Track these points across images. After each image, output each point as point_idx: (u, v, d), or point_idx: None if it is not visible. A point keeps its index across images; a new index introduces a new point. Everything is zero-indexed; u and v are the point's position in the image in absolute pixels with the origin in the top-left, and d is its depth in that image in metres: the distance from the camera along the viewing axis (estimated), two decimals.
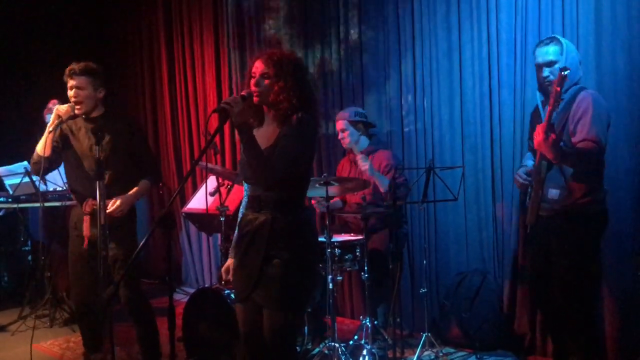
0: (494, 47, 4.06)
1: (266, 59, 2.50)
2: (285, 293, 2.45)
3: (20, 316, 5.00)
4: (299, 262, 2.48)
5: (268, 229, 2.46)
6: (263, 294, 2.47)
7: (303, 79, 2.54)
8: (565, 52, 3.12)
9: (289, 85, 2.46)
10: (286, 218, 2.48)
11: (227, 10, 5.62)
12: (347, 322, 4.77)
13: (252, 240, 2.50)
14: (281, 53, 2.56)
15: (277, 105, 2.48)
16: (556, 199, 3.10)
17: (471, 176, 4.23)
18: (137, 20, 6.57)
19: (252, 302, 2.52)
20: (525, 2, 3.86)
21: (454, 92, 4.30)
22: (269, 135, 2.52)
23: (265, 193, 2.49)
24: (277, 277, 2.44)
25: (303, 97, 2.50)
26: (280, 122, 2.51)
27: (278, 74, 2.47)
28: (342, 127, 4.17)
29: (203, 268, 6.14)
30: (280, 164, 2.41)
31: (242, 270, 2.55)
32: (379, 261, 3.88)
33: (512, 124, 4.00)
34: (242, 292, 2.55)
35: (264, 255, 2.46)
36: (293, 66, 2.51)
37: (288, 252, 2.46)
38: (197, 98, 6.01)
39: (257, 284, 2.47)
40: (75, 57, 3.40)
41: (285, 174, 2.43)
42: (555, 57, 3.13)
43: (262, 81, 2.49)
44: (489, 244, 4.23)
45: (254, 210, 2.53)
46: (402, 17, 4.50)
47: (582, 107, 3.04)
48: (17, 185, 4.74)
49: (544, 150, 2.99)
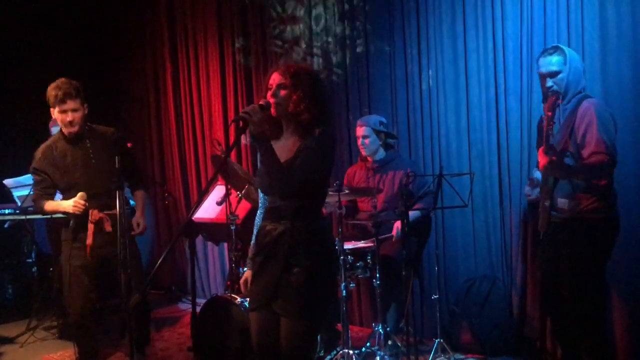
0: (500, 54, 4.10)
1: (283, 71, 2.52)
2: (306, 301, 2.45)
3: (28, 328, 5.00)
4: (320, 270, 2.49)
5: (288, 238, 2.46)
6: (283, 302, 2.46)
7: (320, 91, 2.55)
8: (569, 62, 3.12)
9: (308, 95, 2.47)
10: (306, 227, 2.48)
11: (232, 20, 5.66)
12: (357, 330, 4.78)
13: (273, 250, 2.50)
14: (298, 65, 2.57)
15: (298, 116, 2.49)
16: (565, 207, 3.11)
17: (479, 182, 4.25)
18: (141, 30, 6.59)
19: (269, 311, 2.51)
20: (530, 10, 3.91)
21: (460, 99, 4.34)
22: (290, 148, 2.52)
23: (284, 203, 2.50)
24: (298, 285, 2.44)
25: (320, 107, 2.50)
26: (301, 134, 2.51)
27: (295, 84, 2.48)
28: (364, 133, 4.20)
29: (209, 277, 6.14)
30: (299, 175, 2.42)
31: (260, 279, 2.54)
32: (391, 268, 3.90)
33: (519, 130, 4.03)
34: (259, 301, 2.54)
35: (284, 265, 2.46)
36: (310, 77, 2.52)
37: (309, 260, 2.45)
38: (202, 108, 6.03)
39: (276, 293, 2.47)
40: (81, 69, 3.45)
41: (303, 185, 2.44)
42: (559, 68, 3.14)
43: (278, 92, 2.49)
44: (497, 250, 4.26)
45: (273, 220, 2.53)
46: (408, 26, 4.54)
47: (587, 117, 3.03)
48: (25, 196, 4.75)
49: (549, 172, 3.02)
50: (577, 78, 3.12)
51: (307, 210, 2.52)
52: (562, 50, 3.16)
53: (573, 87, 3.10)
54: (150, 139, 6.64)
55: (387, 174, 4.25)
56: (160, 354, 4.46)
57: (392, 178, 4.22)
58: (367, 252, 3.84)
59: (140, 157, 6.52)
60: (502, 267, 4.23)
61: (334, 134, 2.61)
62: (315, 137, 2.46)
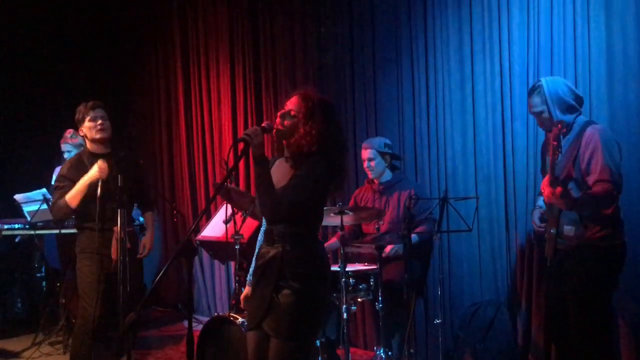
0: (507, 78, 4.11)
1: (303, 97, 2.56)
2: (293, 322, 2.49)
3: (34, 342, 5.02)
4: (309, 292, 2.52)
5: (279, 261, 2.51)
6: (272, 323, 2.50)
7: (331, 125, 2.57)
8: (548, 97, 3.11)
9: (316, 130, 2.50)
10: (297, 251, 2.53)
11: (243, 40, 5.73)
12: (360, 353, 4.74)
13: (264, 272, 2.56)
14: (318, 97, 2.59)
15: (295, 146, 2.53)
16: (572, 235, 3.08)
17: (485, 206, 4.24)
18: (153, 49, 6.69)
19: (262, 331, 2.55)
20: (537, 34, 3.92)
21: (466, 123, 4.34)
22: (285, 173, 2.58)
23: (277, 227, 2.55)
24: (286, 307, 2.48)
25: (326, 144, 2.52)
26: (295, 162, 2.55)
27: (307, 117, 2.52)
28: (369, 156, 4.22)
29: (215, 296, 6.14)
30: (287, 200, 2.46)
31: (254, 300, 2.60)
32: (394, 291, 3.88)
33: (525, 154, 4.02)
34: (253, 321, 2.60)
35: (274, 286, 2.50)
36: (325, 112, 2.55)
37: (298, 282, 2.50)
38: (213, 127, 6.08)
39: (267, 313, 2.51)
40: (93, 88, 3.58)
41: (291, 211, 2.48)
42: (541, 108, 3.16)
43: (287, 116, 2.54)
44: (503, 275, 4.22)
45: (268, 243, 2.59)
46: (416, 48, 4.57)
47: (592, 144, 3.00)
48: (35, 211, 4.81)
49: (554, 202, 3.00)
50: (562, 109, 3.10)
51: (299, 234, 2.55)
52: (540, 87, 3.16)
53: (563, 117, 3.08)
54: (161, 158, 6.69)
55: (392, 196, 4.24)
56: None
57: (397, 200, 4.21)
58: (370, 275, 3.82)
59: (150, 175, 6.59)
60: (507, 292, 4.19)
61: (334, 165, 2.59)
62: (309, 166, 2.50)
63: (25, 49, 6.34)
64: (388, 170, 4.29)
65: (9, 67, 6.21)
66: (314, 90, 2.65)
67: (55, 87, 6.42)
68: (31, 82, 6.34)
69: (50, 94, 6.36)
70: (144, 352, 4.88)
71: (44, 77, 6.38)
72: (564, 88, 3.16)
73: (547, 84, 3.16)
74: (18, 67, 6.29)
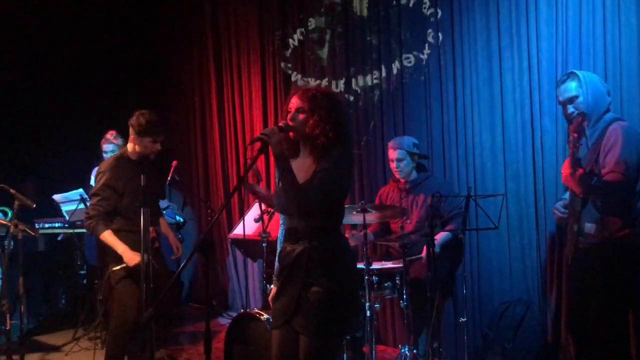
0: (535, 75, 4.05)
1: (301, 94, 2.60)
2: (323, 319, 2.49)
3: (73, 337, 5.20)
4: (338, 288, 2.53)
5: (306, 258, 2.52)
6: (301, 320, 2.51)
7: (338, 113, 2.60)
8: (585, 84, 3.10)
9: (324, 119, 2.53)
10: (323, 246, 2.53)
11: (273, 40, 5.80)
12: (390, 351, 4.74)
13: (291, 271, 2.56)
14: (316, 89, 2.65)
15: (313, 140, 2.55)
16: (592, 233, 3.05)
17: (514, 204, 4.19)
18: (188, 54, 6.83)
19: (289, 329, 2.56)
20: (565, 29, 3.85)
21: (495, 119, 4.30)
22: (306, 169, 2.58)
23: (301, 223, 2.56)
24: (316, 304, 2.48)
25: (338, 131, 2.55)
26: (316, 156, 2.56)
27: (312, 108, 2.55)
28: (398, 156, 4.21)
29: (249, 293, 6.23)
30: (315, 195, 2.48)
31: (281, 298, 2.60)
32: (420, 289, 3.87)
33: (555, 151, 3.96)
34: (280, 319, 2.59)
35: (303, 284, 2.51)
36: (328, 101, 2.58)
37: (327, 279, 2.50)
38: (245, 127, 6.17)
39: (295, 311, 2.52)
40: (131, 90, 3.71)
41: (319, 205, 2.49)
42: (576, 92, 3.13)
43: (297, 116, 2.57)
44: (533, 273, 4.17)
45: (292, 242, 2.60)
46: (443, 45, 4.55)
47: (612, 139, 3.00)
48: (72, 211, 4.98)
49: (570, 184, 2.98)
50: (596, 99, 3.07)
51: (324, 229, 2.56)
52: (575, 75, 3.15)
53: (594, 109, 3.05)
54: (196, 158, 6.82)
55: (419, 195, 4.23)
56: None
57: (424, 199, 4.19)
58: (396, 273, 3.82)
59: (186, 175, 6.72)
60: (537, 290, 4.13)
61: (352, 155, 2.65)
62: (331, 158, 2.51)
63: (68, 52, 6.56)
64: (414, 170, 4.28)
65: (51, 69, 6.43)
66: (311, 87, 2.68)
67: (94, 88, 6.62)
68: (71, 83, 6.54)
69: (89, 96, 6.56)
70: (177, 348, 4.99)
71: (84, 79, 6.59)
72: (598, 81, 3.17)
73: (583, 73, 3.17)
74: (59, 69, 6.50)
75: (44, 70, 6.40)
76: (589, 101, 3.06)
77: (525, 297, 4.15)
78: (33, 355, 4.87)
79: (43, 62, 6.41)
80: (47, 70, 6.43)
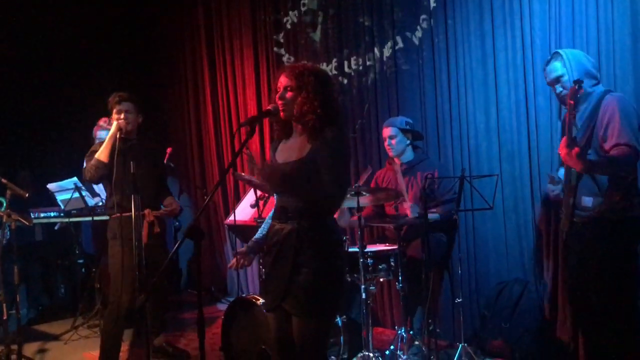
0: (529, 53, 4.01)
1: (288, 72, 2.57)
2: (314, 300, 2.49)
3: (73, 326, 5.21)
4: (328, 269, 2.53)
5: (295, 239, 2.51)
6: (292, 302, 2.51)
7: (326, 90, 2.57)
8: (568, 62, 3.10)
9: (312, 96, 2.50)
10: (312, 226, 2.52)
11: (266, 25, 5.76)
12: (388, 333, 4.76)
13: (280, 250, 2.55)
14: (303, 66, 2.60)
15: (303, 117, 2.52)
16: (590, 206, 3.04)
17: (509, 184, 4.18)
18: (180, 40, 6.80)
19: (282, 311, 2.57)
20: (558, 7, 3.81)
21: (489, 99, 4.27)
22: (299, 147, 2.57)
23: (291, 202, 2.54)
24: (306, 285, 2.48)
25: (327, 108, 2.53)
26: (309, 135, 2.54)
27: (300, 85, 2.52)
28: (391, 133, 4.19)
29: (247, 279, 6.25)
30: (329, 180, 2.47)
31: (272, 280, 2.60)
32: (415, 270, 3.88)
33: (549, 130, 3.94)
34: (273, 302, 2.60)
35: (292, 265, 2.50)
36: (315, 77, 2.54)
37: (316, 260, 2.50)
38: (239, 112, 6.14)
39: (286, 293, 2.52)
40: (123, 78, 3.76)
41: (339, 192, 2.53)
42: (560, 72, 3.14)
43: (285, 94, 2.55)
44: (529, 253, 4.16)
45: (281, 220, 2.58)
46: (436, 25, 4.50)
47: (609, 111, 2.97)
48: (67, 200, 4.97)
49: (570, 163, 2.96)
50: (581, 75, 3.05)
51: (315, 209, 2.54)
52: (559, 54, 3.16)
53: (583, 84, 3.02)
54: (190, 144, 6.81)
55: (415, 176, 4.21)
56: (194, 353, 4.57)
57: (420, 180, 4.18)
58: (391, 255, 3.82)
59: (181, 161, 6.70)
60: (534, 270, 4.13)
61: (345, 134, 2.63)
62: (329, 142, 2.49)
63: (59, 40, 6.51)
64: (410, 149, 4.26)
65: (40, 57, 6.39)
66: (298, 63, 2.67)
67: (86, 77, 6.58)
68: (63, 72, 6.50)
69: (81, 84, 6.52)
70: (176, 335, 5.01)
71: (75, 68, 6.54)
72: (582, 56, 3.16)
73: (565, 51, 3.17)
74: (49, 58, 6.46)
75: (36, 58, 6.36)
76: (574, 78, 3.04)
77: (522, 277, 4.15)
78: (32, 344, 4.89)
79: (34, 50, 6.36)
80: (38, 58, 6.38)
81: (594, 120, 3.04)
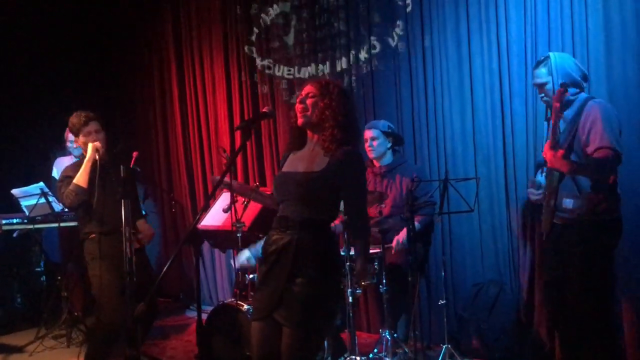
0: (505, 58, 4.09)
1: (314, 82, 2.62)
2: (308, 312, 2.44)
3: (37, 337, 5.01)
4: (324, 281, 2.50)
5: (293, 248, 2.48)
6: (285, 312, 2.46)
7: (349, 103, 2.62)
8: (555, 70, 3.15)
9: (334, 104, 2.53)
10: (312, 238, 2.50)
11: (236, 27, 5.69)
12: (365, 336, 4.76)
13: (277, 259, 2.51)
14: (329, 80, 2.68)
15: (322, 124, 2.53)
16: (570, 207, 3.10)
17: (485, 187, 4.24)
18: (146, 43, 6.63)
19: (272, 321, 2.50)
20: (534, 13, 3.90)
21: (465, 103, 4.33)
22: (313, 159, 2.55)
23: (293, 211, 2.52)
24: (301, 296, 2.44)
25: (349, 119, 2.55)
26: (327, 145, 2.52)
27: (324, 93, 2.55)
28: (373, 135, 4.20)
29: (217, 285, 6.15)
30: (362, 207, 2.62)
31: (265, 288, 2.54)
32: (398, 275, 3.89)
33: (525, 134, 4.02)
34: (263, 311, 2.53)
35: (288, 275, 2.46)
36: (340, 89, 2.60)
37: (313, 270, 2.46)
38: (208, 116, 6.04)
39: (279, 302, 2.47)
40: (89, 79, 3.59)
41: (365, 221, 2.64)
42: (545, 79, 3.20)
43: (306, 99, 2.56)
44: (504, 254, 4.24)
45: (280, 230, 2.54)
46: (412, 30, 4.54)
47: (591, 116, 3.04)
48: (33, 206, 4.78)
49: (556, 165, 3.02)
50: (568, 81, 3.12)
51: (316, 221, 2.53)
52: (547, 59, 3.20)
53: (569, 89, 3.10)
54: (157, 147, 6.65)
55: (394, 179, 4.23)
56: None
57: (399, 183, 4.20)
58: (374, 258, 3.83)
59: (147, 164, 6.54)
60: (509, 271, 4.21)
61: (360, 152, 2.65)
62: (356, 175, 2.56)
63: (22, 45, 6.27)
64: (390, 153, 4.28)
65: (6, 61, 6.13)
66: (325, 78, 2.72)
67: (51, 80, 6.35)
68: (27, 76, 6.27)
69: (46, 88, 6.29)
70: (149, 343, 4.87)
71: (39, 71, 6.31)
72: (571, 63, 3.21)
73: (555, 57, 3.21)
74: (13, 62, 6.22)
75: None
76: (556, 89, 3.11)
77: (498, 278, 4.23)
78: None
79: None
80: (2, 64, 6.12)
81: (576, 125, 3.11)
